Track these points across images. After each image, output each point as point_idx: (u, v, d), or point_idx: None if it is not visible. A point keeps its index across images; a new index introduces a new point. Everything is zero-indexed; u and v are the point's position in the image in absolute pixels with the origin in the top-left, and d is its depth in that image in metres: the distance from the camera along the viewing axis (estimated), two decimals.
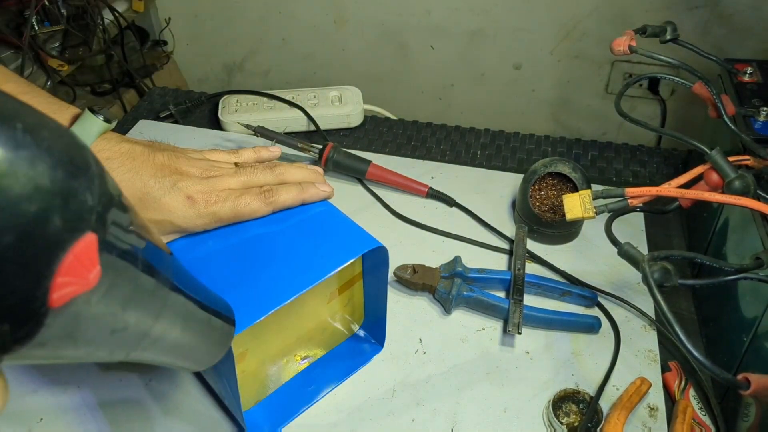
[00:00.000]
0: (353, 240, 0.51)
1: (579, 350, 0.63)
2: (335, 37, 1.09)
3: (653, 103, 1.01)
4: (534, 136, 0.93)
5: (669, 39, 0.67)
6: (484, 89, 1.08)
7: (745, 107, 0.65)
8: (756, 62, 0.71)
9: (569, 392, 0.58)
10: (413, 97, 1.12)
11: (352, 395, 0.58)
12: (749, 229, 0.56)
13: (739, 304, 0.57)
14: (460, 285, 0.65)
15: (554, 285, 0.67)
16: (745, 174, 0.52)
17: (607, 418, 0.55)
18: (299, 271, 0.48)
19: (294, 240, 0.51)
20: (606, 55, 0.97)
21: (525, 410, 0.57)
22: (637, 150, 0.91)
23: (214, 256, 0.50)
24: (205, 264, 0.49)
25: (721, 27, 0.90)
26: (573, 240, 0.75)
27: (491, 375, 0.60)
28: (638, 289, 0.68)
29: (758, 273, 0.48)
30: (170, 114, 0.95)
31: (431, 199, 0.81)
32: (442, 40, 1.04)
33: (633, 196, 0.56)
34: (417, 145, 0.92)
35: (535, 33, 0.99)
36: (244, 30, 1.13)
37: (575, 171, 0.70)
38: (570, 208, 0.58)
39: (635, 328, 0.65)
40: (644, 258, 0.47)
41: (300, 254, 0.50)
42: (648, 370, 0.61)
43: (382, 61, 1.09)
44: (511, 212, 0.79)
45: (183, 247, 0.51)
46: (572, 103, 1.05)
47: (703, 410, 0.57)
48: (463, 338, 0.64)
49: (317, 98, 0.95)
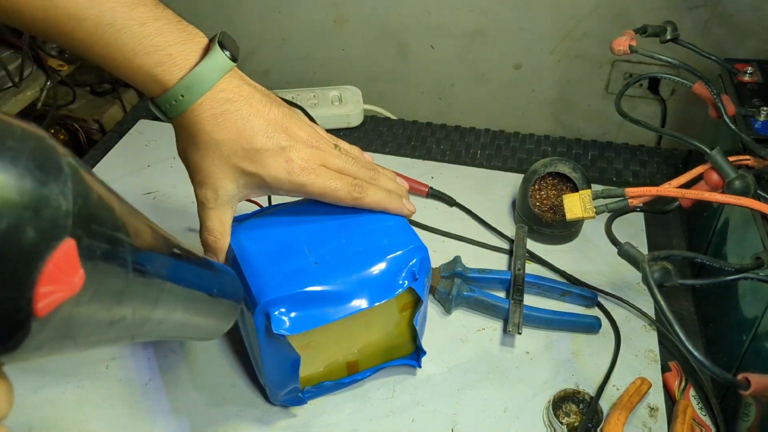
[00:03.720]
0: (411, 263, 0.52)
1: (579, 350, 0.62)
2: (335, 36, 1.09)
3: (653, 103, 1.01)
4: (534, 136, 0.93)
5: (669, 39, 0.67)
6: (484, 89, 1.07)
7: (745, 107, 0.65)
8: (756, 62, 0.70)
9: (569, 392, 0.58)
10: (413, 97, 1.12)
11: (352, 395, 0.58)
12: (749, 229, 0.56)
13: (739, 304, 0.57)
14: (460, 285, 0.65)
15: (554, 285, 0.67)
16: (745, 174, 0.52)
17: (608, 418, 0.55)
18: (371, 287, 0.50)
19: (365, 248, 0.52)
20: (606, 54, 0.96)
21: (525, 410, 0.57)
22: (637, 150, 0.91)
23: (294, 239, 0.52)
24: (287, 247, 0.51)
25: (722, 27, 0.90)
26: (573, 240, 0.75)
27: (491, 375, 0.60)
28: (638, 289, 0.68)
29: (758, 273, 0.48)
30: None
31: (431, 199, 0.81)
32: (442, 39, 1.04)
33: (633, 196, 0.56)
34: (417, 145, 0.92)
35: (535, 33, 0.99)
36: (243, 30, 1.13)
37: (575, 171, 0.70)
38: (570, 208, 0.58)
39: (635, 328, 0.65)
40: (644, 258, 0.47)
41: (370, 265, 0.51)
42: (648, 370, 0.61)
43: (382, 60, 1.09)
44: (511, 212, 0.79)
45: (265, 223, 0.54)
46: (572, 102, 1.05)
47: (703, 410, 0.57)
48: (463, 338, 0.64)
49: (317, 98, 0.95)
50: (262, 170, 0.49)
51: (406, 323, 0.57)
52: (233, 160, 0.48)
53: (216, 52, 0.47)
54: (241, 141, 0.48)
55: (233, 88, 0.48)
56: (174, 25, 0.46)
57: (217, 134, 0.48)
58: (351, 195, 0.52)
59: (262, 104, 0.50)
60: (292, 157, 0.49)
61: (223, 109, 0.47)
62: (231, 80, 0.48)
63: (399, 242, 0.52)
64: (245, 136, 0.48)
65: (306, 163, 0.50)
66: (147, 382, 0.59)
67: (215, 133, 0.48)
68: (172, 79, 0.46)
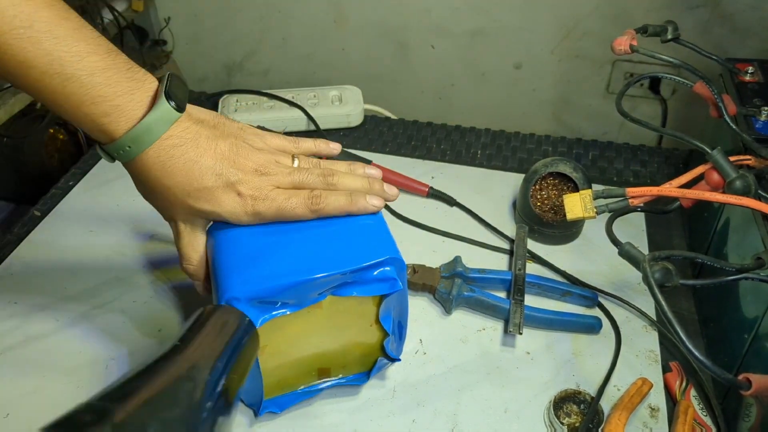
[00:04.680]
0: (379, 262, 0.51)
1: (580, 350, 0.62)
2: (335, 36, 1.09)
3: (654, 102, 1.01)
4: (535, 136, 0.93)
5: (670, 38, 0.67)
6: (484, 89, 1.07)
7: (746, 107, 0.65)
8: (757, 62, 0.70)
9: (570, 393, 0.58)
10: (413, 97, 1.12)
11: (353, 395, 0.58)
12: (750, 229, 0.56)
13: (740, 304, 0.57)
14: (461, 285, 0.65)
15: (555, 285, 0.67)
16: (746, 174, 0.52)
17: (608, 418, 0.55)
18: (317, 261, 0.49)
19: (327, 239, 0.52)
20: (607, 54, 0.97)
21: (526, 411, 0.57)
22: (638, 150, 0.90)
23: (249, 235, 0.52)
24: (239, 239, 0.52)
25: (722, 26, 0.90)
26: (574, 240, 0.75)
27: (492, 375, 0.60)
28: (639, 289, 0.68)
29: (759, 273, 0.48)
30: None
31: (432, 199, 0.81)
32: (442, 39, 1.04)
33: (634, 195, 0.56)
34: (417, 145, 0.92)
35: (536, 32, 0.99)
36: (243, 29, 1.13)
37: (576, 171, 0.70)
38: (571, 207, 0.58)
39: (636, 329, 0.64)
40: (645, 258, 0.46)
41: (327, 249, 0.51)
42: (649, 370, 0.60)
43: (382, 60, 1.09)
44: (512, 212, 0.78)
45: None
46: (573, 102, 1.05)
47: (704, 411, 0.57)
48: (463, 338, 0.64)
49: (317, 98, 0.95)
50: (218, 208, 0.50)
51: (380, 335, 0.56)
52: (188, 201, 0.50)
53: (161, 103, 0.47)
54: (192, 182, 0.49)
55: (179, 133, 0.48)
56: (123, 74, 0.46)
57: (166, 180, 0.49)
58: (309, 209, 0.52)
59: (209, 141, 0.50)
60: (242, 191, 0.50)
61: (170, 155, 0.48)
62: (178, 124, 0.48)
63: (369, 246, 0.51)
64: (195, 177, 0.49)
65: (257, 191, 0.50)
66: None
67: (164, 179, 0.49)
68: (118, 130, 0.46)
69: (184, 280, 0.62)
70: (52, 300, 0.65)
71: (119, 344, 0.61)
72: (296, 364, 0.56)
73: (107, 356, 0.60)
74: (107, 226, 0.74)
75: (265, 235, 0.52)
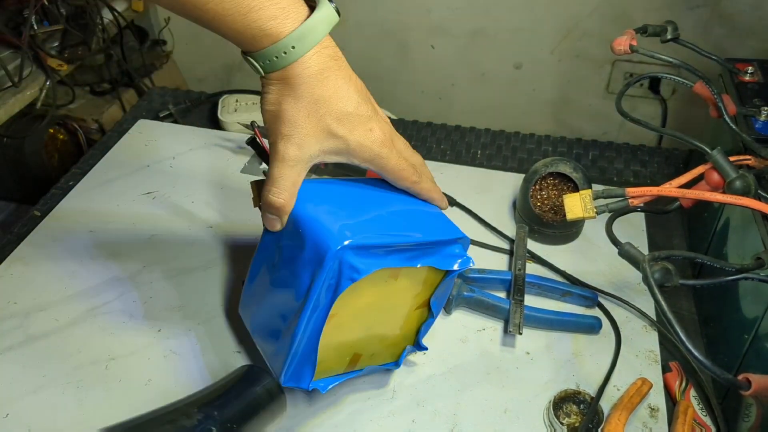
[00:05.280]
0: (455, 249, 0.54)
1: (579, 351, 0.62)
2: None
3: (654, 102, 1.01)
4: (535, 136, 0.93)
5: (670, 38, 0.67)
6: (484, 89, 1.08)
7: (746, 107, 0.64)
8: (757, 62, 0.70)
9: (570, 393, 0.58)
10: (413, 97, 1.12)
11: (353, 395, 0.58)
12: (750, 229, 0.56)
13: (739, 304, 0.57)
14: (461, 285, 0.65)
15: (555, 285, 0.67)
16: (746, 174, 0.52)
17: (608, 418, 0.55)
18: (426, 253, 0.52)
19: (412, 216, 0.54)
20: (607, 54, 0.97)
21: (525, 411, 0.57)
22: (638, 150, 0.90)
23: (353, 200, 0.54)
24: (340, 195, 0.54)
25: (722, 26, 0.90)
26: (574, 240, 0.75)
27: (491, 375, 0.60)
28: (639, 289, 0.68)
29: (759, 273, 0.48)
30: (170, 114, 0.94)
31: None
32: (442, 39, 1.04)
33: (634, 195, 0.56)
34: (417, 145, 0.92)
35: (536, 33, 0.99)
36: None
37: (576, 171, 0.70)
38: (571, 208, 0.58)
39: (636, 329, 0.64)
40: (645, 258, 0.46)
41: (415, 222, 0.53)
42: (649, 370, 0.60)
43: (382, 60, 1.09)
44: (512, 212, 0.79)
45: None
46: (573, 102, 1.05)
47: (703, 411, 0.57)
48: (463, 339, 0.64)
49: None
50: (349, 135, 0.50)
51: (415, 321, 0.57)
52: (326, 120, 0.49)
53: (324, 4, 0.48)
54: (338, 102, 0.49)
55: (333, 46, 0.50)
56: None
57: (319, 90, 0.49)
58: (411, 178, 0.54)
59: (351, 70, 0.51)
60: (374, 128, 0.51)
61: (328, 66, 0.49)
62: (330, 38, 0.50)
63: (447, 228, 0.54)
64: (341, 97, 0.49)
65: (384, 135, 0.52)
66: (147, 382, 0.59)
67: (317, 89, 0.49)
68: (284, 31, 0.47)
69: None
70: (52, 300, 0.65)
71: (119, 344, 0.61)
72: (339, 346, 0.55)
73: (107, 356, 0.60)
74: (107, 226, 0.74)
75: (361, 201, 0.53)
